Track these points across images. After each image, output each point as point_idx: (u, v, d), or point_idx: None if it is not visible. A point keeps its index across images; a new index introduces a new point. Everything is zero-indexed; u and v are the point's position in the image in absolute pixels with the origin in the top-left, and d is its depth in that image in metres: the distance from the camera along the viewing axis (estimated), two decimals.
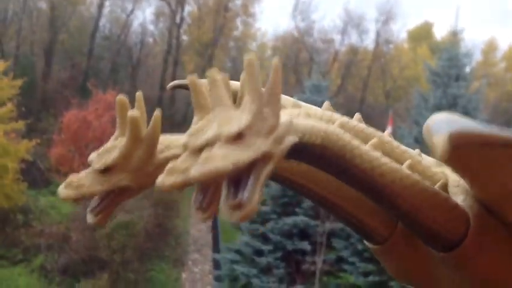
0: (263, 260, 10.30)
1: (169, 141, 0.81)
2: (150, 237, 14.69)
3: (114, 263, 13.41)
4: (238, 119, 0.63)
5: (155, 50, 35.33)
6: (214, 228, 15.46)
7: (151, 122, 0.76)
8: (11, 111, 15.44)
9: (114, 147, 0.76)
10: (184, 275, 15.21)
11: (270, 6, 61.08)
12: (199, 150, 0.64)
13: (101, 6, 32.25)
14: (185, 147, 0.67)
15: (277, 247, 10.41)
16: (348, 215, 0.90)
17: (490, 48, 36.84)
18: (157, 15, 34.31)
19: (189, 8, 33.93)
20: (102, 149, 0.74)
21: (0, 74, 16.21)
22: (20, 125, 15.47)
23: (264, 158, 0.61)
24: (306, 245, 10.48)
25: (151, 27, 35.59)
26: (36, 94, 26.34)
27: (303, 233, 10.66)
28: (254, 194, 0.60)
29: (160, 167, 0.71)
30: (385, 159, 0.81)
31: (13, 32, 29.46)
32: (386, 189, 0.80)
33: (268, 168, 0.63)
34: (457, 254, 0.74)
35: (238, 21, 34.89)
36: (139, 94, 0.75)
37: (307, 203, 10.18)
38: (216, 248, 13.68)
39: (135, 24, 35.17)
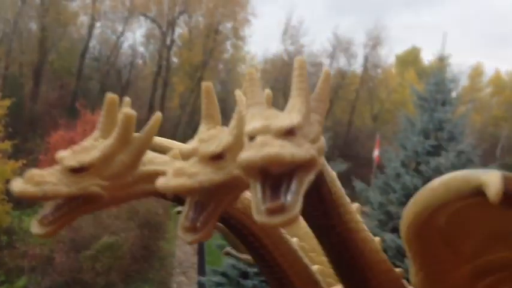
0: (248, 283, 10.20)
1: (153, 156, 0.79)
2: (135, 259, 14.51)
3: (98, 285, 13.21)
4: (288, 117, 0.61)
5: (145, 71, 35.38)
6: (200, 250, 15.34)
7: (150, 122, 0.73)
8: None
9: (93, 147, 0.70)
10: None
11: (260, 29, 61.67)
12: (211, 158, 0.62)
13: (91, 27, 32.32)
14: (193, 152, 0.66)
15: None
16: (285, 278, 0.86)
17: (476, 73, 37.31)
18: (148, 37, 34.44)
19: (180, 31, 34.13)
20: (77, 147, 0.69)
21: None
22: (6, 145, 15.34)
23: (309, 163, 0.58)
24: None
25: (141, 49, 35.71)
26: (23, 114, 26.19)
27: None
28: (298, 198, 0.57)
29: (140, 181, 0.69)
30: (364, 226, 0.81)
31: (2, 52, 29.38)
32: (362, 258, 0.77)
33: (311, 175, 0.59)
34: None
35: (228, 44, 35.11)
36: (128, 100, 0.74)
37: None
38: (201, 271, 13.56)
39: (125, 46, 35.26)
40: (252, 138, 0.60)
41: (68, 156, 0.66)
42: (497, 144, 34.35)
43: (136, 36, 53.92)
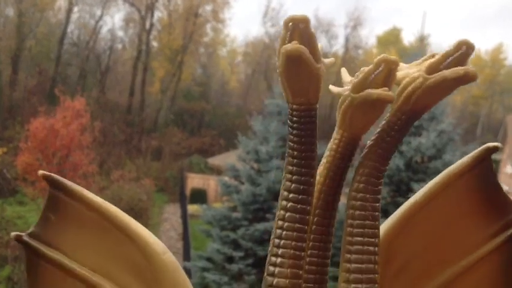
0: (234, 267, 10.24)
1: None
2: None
3: None
4: None
5: (124, 56, 35.02)
6: (185, 236, 15.37)
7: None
8: None
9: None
10: None
11: (240, 12, 61.25)
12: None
13: (69, 12, 31.85)
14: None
15: (248, 254, 10.35)
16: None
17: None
18: (127, 21, 34.04)
19: (159, 14, 33.78)
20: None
21: None
22: None
23: None
24: None
25: (120, 34, 35.32)
26: (2, 102, 25.85)
27: None
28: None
29: None
30: None
31: None
32: None
33: None
34: None
35: (208, 28, 34.86)
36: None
37: None
38: (186, 256, 13.57)
39: (104, 31, 34.86)
40: None
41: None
42: (477, 123, 34.76)
43: (115, 21, 53.33)
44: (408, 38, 58.49)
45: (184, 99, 31.51)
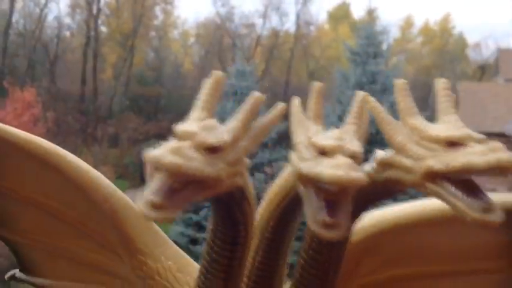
0: (198, 249, 10.26)
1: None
2: None
3: None
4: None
5: (73, 43, 34.18)
6: None
7: (274, 112, 0.70)
8: None
9: (214, 126, 0.66)
10: None
11: None
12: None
13: (12, 1, 30.80)
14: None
15: None
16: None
17: (407, 24, 38.13)
18: (73, 7, 33.16)
19: None
20: (201, 124, 0.64)
21: None
22: None
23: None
24: None
25: (67, 20, 34.38)
26: None
27: None
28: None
29: (238, 174, 0.67)
30: None
31: None
32: None
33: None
34: None
35: (158, 10, 34.32)
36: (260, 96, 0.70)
37: None
38: None
39: (50, 18, 33.90)
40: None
41: (200, 133, 0.62)
42: (429, 92, 35.44)
43: (61, 7, 51.76)
44: (358, 12, 59.06)
45: (138, 85, 31.03)
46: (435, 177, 0.64)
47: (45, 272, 1.21)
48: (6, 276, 1.25)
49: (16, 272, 1.25)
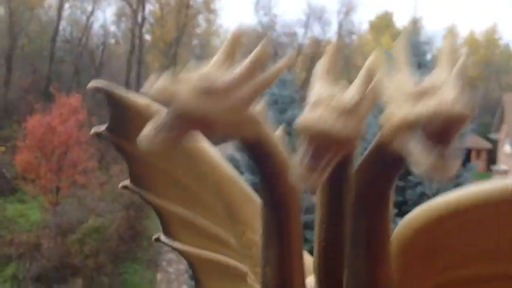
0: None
1: None
2: (122, 240, 14.54)
3: (87, 268, 13.25)
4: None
5: (118, 51, 34.91)
6: None
7: (278, 64, 0.81)
8: None
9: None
10: (159, 276, 15.11)
11: (232, 2, 61.01)
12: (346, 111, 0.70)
13: (60, 9, 31.68)
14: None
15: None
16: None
17: (451, 34, 37.51)
18: (119, 15, 33.92)
19: (151, 7, 33.66)
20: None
21: None
22: None
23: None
24: None
25: (112, 28, 35.20)
26: None
27: None
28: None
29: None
30: None
31: None
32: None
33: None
34: None
35: (201, 19, 34.75)
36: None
37: None
38: None
39: (96, 26, 34.70)
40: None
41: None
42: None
43: (106, 16, 53.04)
44: (401, 22, 58.35)
45: None
46: (405, 129, 0.67)
47: (180, 238, 1.39)
48: (153, 238, 1.55)
49: (160, 235, 1.49)
